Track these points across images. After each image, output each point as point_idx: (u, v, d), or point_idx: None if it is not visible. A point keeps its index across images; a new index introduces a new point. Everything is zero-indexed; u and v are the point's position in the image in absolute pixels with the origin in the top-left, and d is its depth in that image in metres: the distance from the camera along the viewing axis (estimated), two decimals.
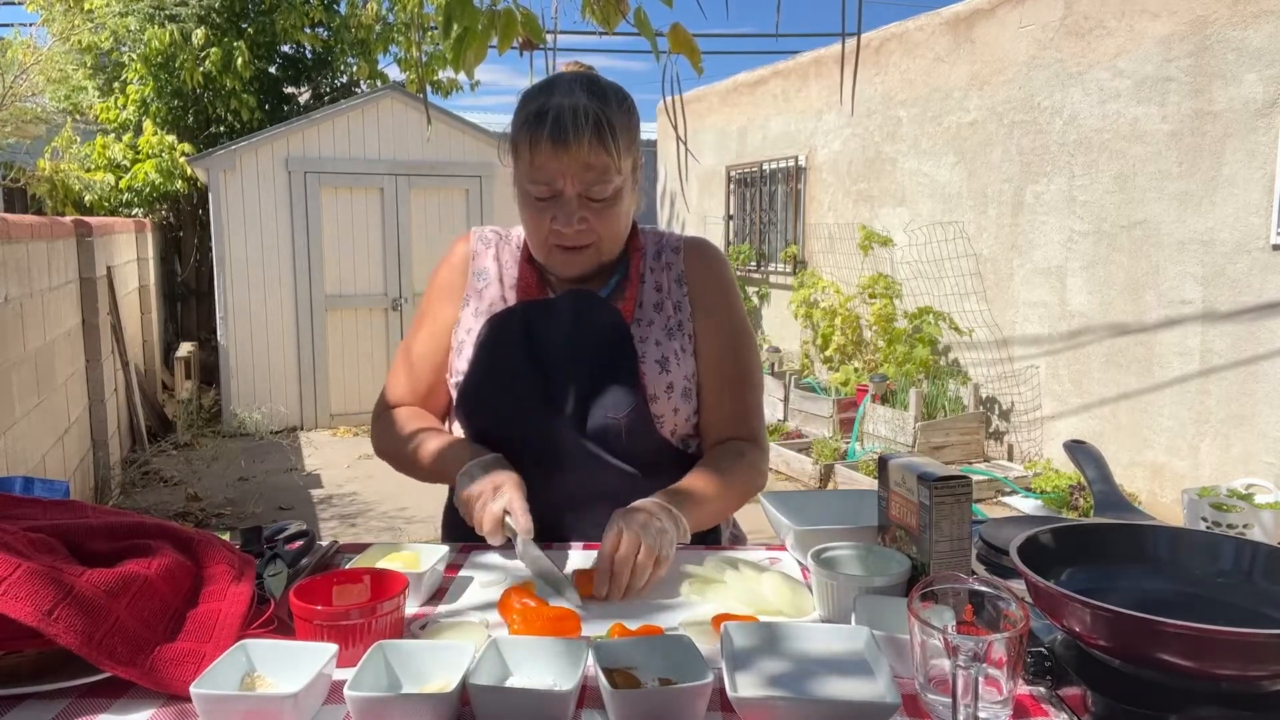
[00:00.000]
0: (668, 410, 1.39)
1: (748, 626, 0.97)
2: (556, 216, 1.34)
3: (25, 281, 4.07)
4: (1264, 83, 4.47)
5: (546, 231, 1.36)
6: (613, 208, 1.36)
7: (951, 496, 1.05)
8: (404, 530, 5.02)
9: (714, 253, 1.52)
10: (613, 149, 1.33)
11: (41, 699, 0.88)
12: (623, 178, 1.36)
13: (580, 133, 1.30)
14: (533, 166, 1.34)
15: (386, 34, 9.84)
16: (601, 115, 1.33)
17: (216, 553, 1.09)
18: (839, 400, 6.60)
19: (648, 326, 1.43)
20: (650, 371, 1.39)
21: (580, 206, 1.34)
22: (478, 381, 1.41)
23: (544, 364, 1.39)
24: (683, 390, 1.41)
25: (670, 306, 1.44)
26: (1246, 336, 4.62)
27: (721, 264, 1.52)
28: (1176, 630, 0.78)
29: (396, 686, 0.89)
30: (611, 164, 1.33)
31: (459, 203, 8.04)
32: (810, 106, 7.98)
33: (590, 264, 1.40)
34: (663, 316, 1.44)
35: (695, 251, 1.49)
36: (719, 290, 1.48)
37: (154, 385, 7.90)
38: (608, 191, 1.34)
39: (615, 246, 1.42)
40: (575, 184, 1.33)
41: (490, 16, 1.78)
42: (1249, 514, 1.53)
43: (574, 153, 1.31)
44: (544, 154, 1.32)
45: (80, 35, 8.75)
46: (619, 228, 1.40)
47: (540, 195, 1.35)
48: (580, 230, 1.35)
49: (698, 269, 1.48)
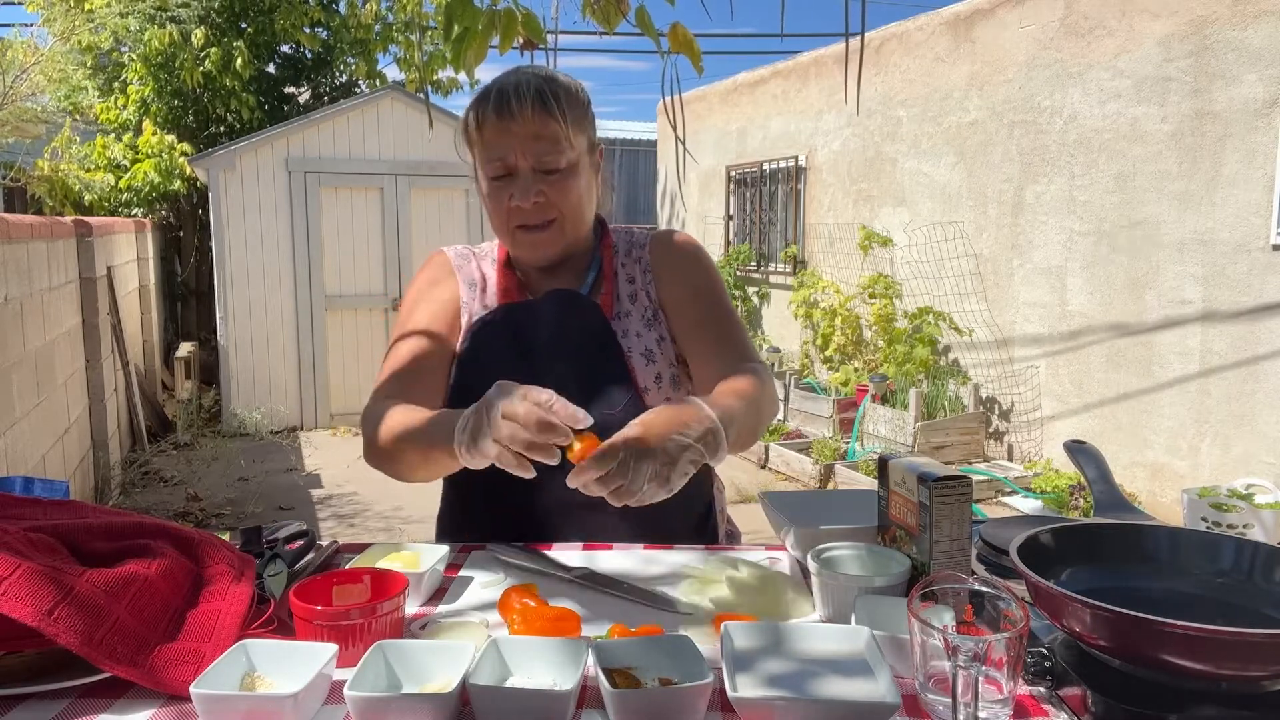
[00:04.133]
0: (660, 401, 1.38)
1: (748, 626, 0.97)
2: (514, 194, 1.35)
3: (25, 281, 4.06)
4: (1264, 83, 4.47)
5: (506, 211, 1.36)
6: (569, 180, 1.36)
7: (951, 496, 1.05)
8: (403, 530, 5.02)
9: (679, 239, 1.51)
10: (558, 115, 1.33)
11: (41, 699, 0.88)
12: (576, 153, 1.37)
13: (523, 103, 1.32)
14: (484, 145, 1.36)
15: (386, 34, 9.85)
16: (545, 86, 1.35)
17: (216, 553, 1.09)
18: (839, 400, 6.60)
19: (626, 319, 1.43)
20: (638, 364, 1.39)
21: (536, 180, 1.34)
22: (469, 385, 1.37)
23: (533, 365, 1.38)
24: (671, 378, 1.41)
25: (644, 297, 1.45)
26: (1246, 336, 4.62)
27: (685, 246, 1.50)
28: (1176, 630, 0.78)
29: (396, 686, 0.89)
30: (560, 132, 1.34)
31: (459, 203, 8.04)
32: (810, 106, 7.98)
33: (555, 245, 1.39)
34: (639, 308, 1.44)
35: (659, 243, 1.50)
36: (681, 264, 1.47)
37: (154, 385, 7.90)
38: (560, 163, 1.35)
39: (578, 225, 1.41)
40: (527, 156, 1.33)
41: (491, 16, 1.78)
42: (1249, 514, 1.52)
43: (520, 123, 1.32)
44: (490, 129, 1.34)
45: (80, 35, 8.74)
46: (578, 202, 1.39)
47: (496, 174, 1.36)
48: (538, 203, 1.35)
49: (661, 255, 1.48)
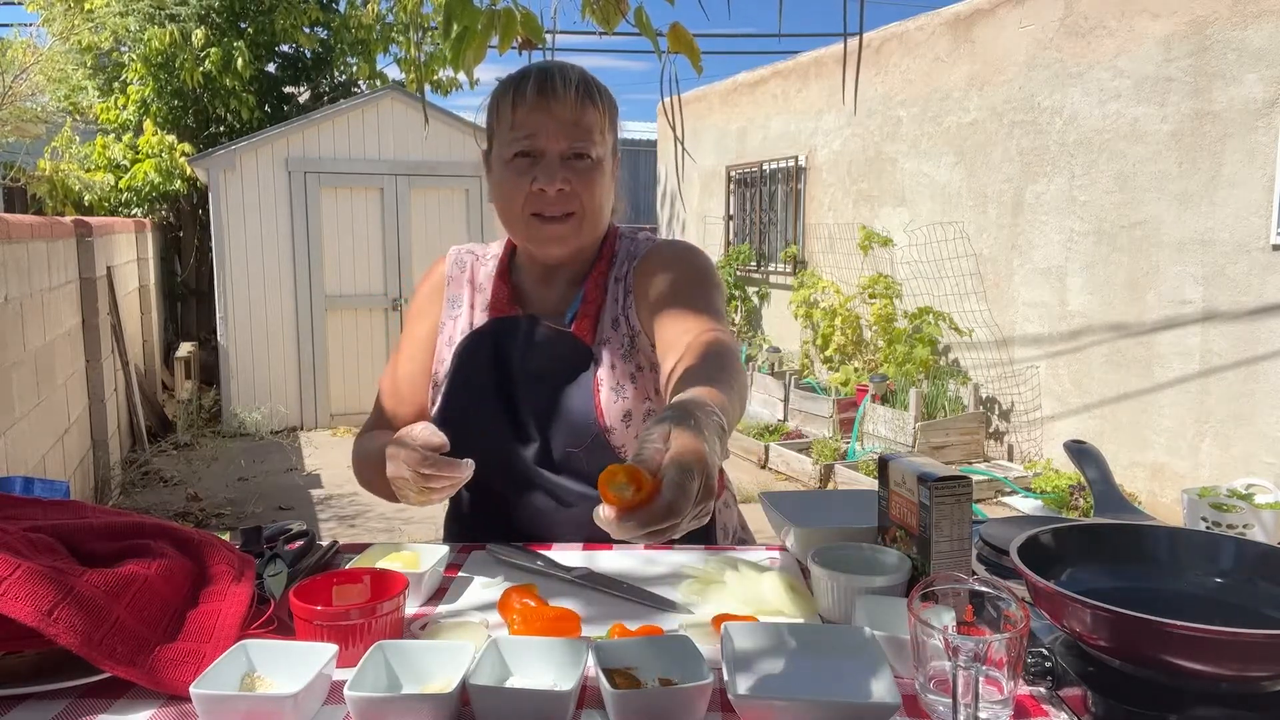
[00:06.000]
0: (628, 439, 1.31)
1: (748, 626, 0.97)
2: (538, 177, 1.27)
3: (25, 281, 4.06)
4: (1264, 83, 4.47)
5: (525, 196, 1.29)
6: (595, 173, 1.30)
7: (951, 496, 1.05)
8: (403, 530, 5.02)
9: (664, 253, 1.38)
10: (599, 104, 1.30)
11: (41, 699, 0.88)
12: (605, 149, 1.32)
13: (567, 86, 1.27)
14: (514, 124, 1.28)
15: (386, 34, 9.85)
16: (586, 76, 1.31)
17: (216, 553, 1.09)
18: (839, 400, 6.60)
19: (604, 346, 1.35)
20: (607, 400, 1.32)
21: (563, 167, 1.28)
22: (449, 404, 1.37)
23: (510, 389, 1.35)
24: (644, 414, 1.32)
25: (624, 323, 1.36)
26: (1246, 336, 4.62)
27: (666, 254, 1.38)
28: (1176, 630, 0.78)
29: (396, 686, 0.89)
30: (597, 122, 1.30)
31: (459, 203, 8.04)
32: (810, 106, 7.98)
33: (570, 241, 1.33)
34: (619, 335, 1.36)
35: (648, 259, 1.37)
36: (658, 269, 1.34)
37: (154, 385, 7.89)
38: (592, 152, 1.29)
39: (595, 225, 1.35)
40: (560, 140, 1.27)
41: (490, 16, 1.77)
42: (1249, 514, 1.53)
43: (560, 106, 1.27)
44: (528, 108, 1.28)
45: (80, 35, 8.74)
46: (599, 199, 1.32)
47: (522, 150, 1.28)
48: (562, 190, 1.28)
49: (642, 274, 1.36)
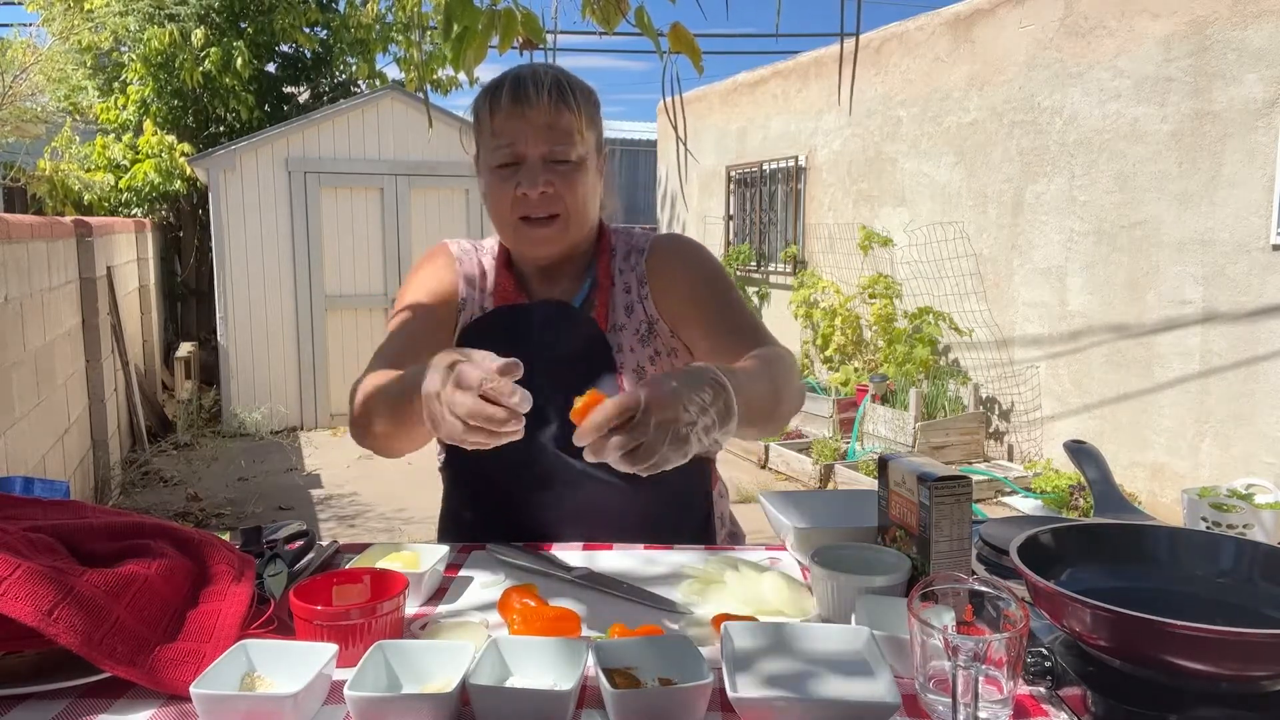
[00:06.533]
0: None
1: (748, 626, 0.97)
2: (521, 182, 1.30)
3: (25, 281, 4.06)
4: (1264, 83, 4.46)
5: (511, 202, 1.32)
6: (577, 174, 1.33)
7: (951, 496, 1.05)
8: (403, 531, 5.02)
9: (676, 245, 1.45)
10: (573, 106, 1.31)
11: (41, 699, 0.88)
12: (585, 149, 1.34)
13: (540, 91, 1.30)
14: (494, 133, 1.32)
15: (386, 34, 9.85)
16: (561, 78, 1.33)
17: (216, 553, 1.09)
18: (839, 400, 6.59)
19: (620, 332, 1.39)
20: (630, 382, 1.34)
21: (544, 170, 1.30)
22: None
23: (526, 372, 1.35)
24: None
25: (640, 310, 1.40)
26: (1246, 337, 4.62)
27: (682, 249, 1.44)
28: (1176, 630, 0.78)
29: (396, 686, 0.89)
30: (574, 123, 1.31)
31: (459, 203, 8.04)
32: (810, 107, 7.98)
33: (558, 241, 1.35)
34: (634, 321, 1.39)
35: (656, 252, 1.42)
36: (679, 270, 1.40)
37: (154, 385, 7.89)
38: (571, 155, 1.31)
39: (582, 224, 1.37)
40: (538, 145, 1.30)
41: (490, 16, 1.77)
42: (1249, 514, 1.52)
43: (536, 111, 1.29)
44: (504, 115, 1.31)
45: (80, 35, 8.74)
46: (583, 199, 1.35)
47: (504, 161, 1.31)
48: (545, 194, 1.30)
49: (657, 265, 1.41)
